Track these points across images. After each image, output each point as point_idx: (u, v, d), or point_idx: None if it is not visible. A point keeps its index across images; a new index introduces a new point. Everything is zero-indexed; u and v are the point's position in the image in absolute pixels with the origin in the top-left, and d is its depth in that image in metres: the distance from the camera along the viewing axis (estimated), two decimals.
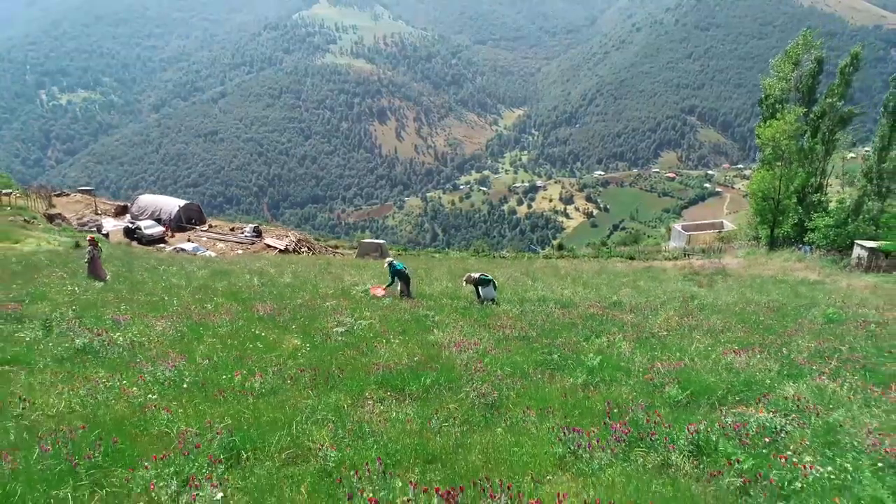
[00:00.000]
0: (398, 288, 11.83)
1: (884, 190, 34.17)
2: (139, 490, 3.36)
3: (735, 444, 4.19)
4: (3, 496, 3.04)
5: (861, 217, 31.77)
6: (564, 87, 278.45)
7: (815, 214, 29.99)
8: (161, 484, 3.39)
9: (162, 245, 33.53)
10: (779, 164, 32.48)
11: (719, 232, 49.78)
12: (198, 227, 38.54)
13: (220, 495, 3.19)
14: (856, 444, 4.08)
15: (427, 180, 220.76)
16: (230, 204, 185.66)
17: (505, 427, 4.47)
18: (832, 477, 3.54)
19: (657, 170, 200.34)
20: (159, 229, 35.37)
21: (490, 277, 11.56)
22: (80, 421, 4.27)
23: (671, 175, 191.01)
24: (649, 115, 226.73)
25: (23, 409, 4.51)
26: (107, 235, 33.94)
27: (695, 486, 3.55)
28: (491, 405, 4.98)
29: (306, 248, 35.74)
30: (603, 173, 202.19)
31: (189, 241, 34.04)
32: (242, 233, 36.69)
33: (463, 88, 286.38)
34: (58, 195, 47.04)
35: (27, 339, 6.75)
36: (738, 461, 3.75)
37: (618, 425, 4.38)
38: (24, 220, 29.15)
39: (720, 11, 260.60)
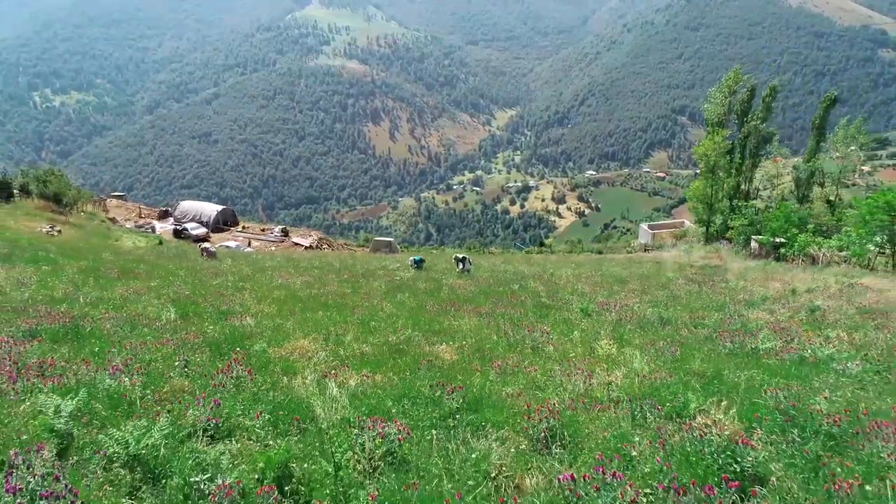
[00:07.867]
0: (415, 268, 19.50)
1: (801, 195, 42.25)
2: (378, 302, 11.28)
3: (549, 303, 11.84)
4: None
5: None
6: (556, 88, 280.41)
7: (734, 216, 37.82)
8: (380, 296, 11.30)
9: (207, 244, 40.48)
10: (711, 175, 40.30)
11: (678, 230, 57.86)
12: (233, 229, 45.62)
13: (404, 296, 10.95)
14: (605, 309, 11.60)
15: (421, 180, 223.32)
16: (225, 205, 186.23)
17: (474, 301, 12.01)
18: (583, 308, 11.11)
19: (648, 169, 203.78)
20: (203, 230, 42.17)
21: (469, 257, 19.14)
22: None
23: (661, 174, 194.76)
24: (640, 115, 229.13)
25: (310, 292, 12.05)
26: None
27: (532, 309, 11.14)
28: (469, 297, 12.48)
29: (326, 245, 42.99)
30: (595, 173, 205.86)
31: (231, 240, 41.10)
32: (272, 233, 43.86)
33: (456, 89, 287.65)
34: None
35: (250, 281, 14.13)
36: (550, 305, 11.43)
37: (513, 299, 12.02)
38: (102, 223, 36.12)
39: (710, 12, 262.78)
